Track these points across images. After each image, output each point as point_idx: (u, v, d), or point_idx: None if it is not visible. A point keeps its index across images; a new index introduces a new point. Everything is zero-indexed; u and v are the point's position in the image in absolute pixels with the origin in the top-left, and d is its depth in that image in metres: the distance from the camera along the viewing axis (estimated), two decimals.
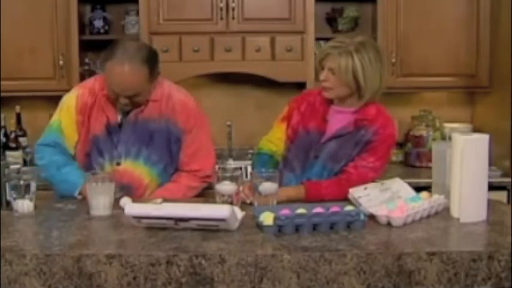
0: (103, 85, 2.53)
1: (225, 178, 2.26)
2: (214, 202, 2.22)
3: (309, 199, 2.36)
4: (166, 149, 2.57)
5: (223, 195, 2.24)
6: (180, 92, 2.61)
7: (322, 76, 2.45)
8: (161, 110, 2.55)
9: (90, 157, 2.57)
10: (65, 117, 2.58)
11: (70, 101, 2.59)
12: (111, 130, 2.55)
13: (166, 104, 2.55)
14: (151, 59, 2.47)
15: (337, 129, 2.48)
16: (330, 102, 2.52)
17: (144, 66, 2.43)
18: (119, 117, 2.55)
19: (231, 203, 2.14)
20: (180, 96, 2.59)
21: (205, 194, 2.60)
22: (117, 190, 2.39)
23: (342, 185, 2.35)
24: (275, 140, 2.63)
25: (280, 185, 2.34)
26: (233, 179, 2.26)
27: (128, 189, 2.51)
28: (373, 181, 2.39)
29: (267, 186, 2.24)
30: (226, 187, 2.25)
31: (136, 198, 2.46)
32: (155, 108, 2.55)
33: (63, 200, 2.47)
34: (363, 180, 2.35)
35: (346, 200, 2.25)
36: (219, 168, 2.57)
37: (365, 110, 2.46)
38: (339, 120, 2.49)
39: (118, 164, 2.55)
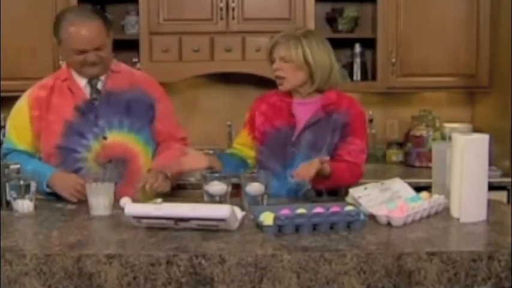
0: (58, 75, 2.63)
1: (213, 179, 2.26)
2: (203, 203, 2.21)
3: (333, 179, 2.37)
4: (145, 117, 2.61)
5: (212, 196, 2.24)
6: (139, 71, 2.75)
7: (274, 66, 2.52)
8: (130, 82, 2.61)
9: (67, 146, 2.53)
10: (17, 120, 2.60)
11: (21, 102, 2.62)
12: (84, 110, 2.55)
13: (132, 77, 2.65)
14: (99, 12, 2.58)
15: (307, 119, 2.51)
16: (290, 97, 2.56)
17: (96, 17, 2.50)
18: (87, 95, 2.57)
19: (220, 203, 2.14)
20: (141, 72, 2.74)
21: (193, 194, 2.61)
22: (113, 166, 2.50)
23: (353, 172, 2.44)
24: (237, 146, 2.65)
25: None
26: (221, 179, 2.26)
27: (123, 162, 2.55)
28: (365, 161, 2.53)
29: (254, 187, 2.24)
30: (215, 188, 2.25)
31: (134, 172, 2.54)
32: (120, 80, 2.61)
33: (63, 200, 2.47)
34: (360, 164, 2.48)
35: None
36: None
37: (327, 97, 2.53)
38: (305, 111, 2.53)
39: (104, 138, 2.54)
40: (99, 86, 2.57)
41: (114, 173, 2.49)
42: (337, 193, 2.48)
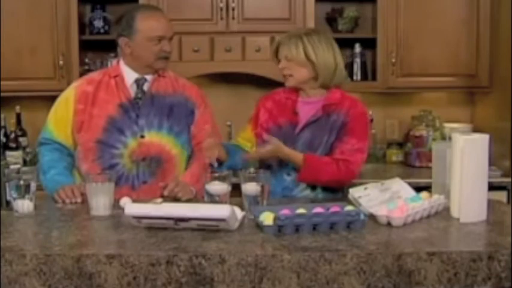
0: (108, 71, 2.66)
1: (214, 178, 2.26)
2: (203, 202, 2.22)
3: (307, 170, 2.43)
4: (185, 121, 2.64)
5: (212, 196, 2.24)
6: (183, 78, 2.78)
7: (280, 65, 2.55)
8: (174, 87, 2.66)
9: (106, 141, 2.55)
10: (61, 110, 2.62)
11: (68, 93, 2.65)
12: (127, 107, 2.58)
13: (176, 83, 2.68)
14: None
15: (307, 118, 2.53)
16: (295, 95, 2.58)
17: None
18: (133, 94, 2.60)
19: (220, 203, 2.14)
20: (185, 79, 2.76)
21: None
22: (146, 164, 2.54)
23: (340, 168, 2.44)
24: (240, 140, 2.68)
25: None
26: (222, 178, 2.26)
27: (157, 161, 2.57)
28: (362, 162, 2.50)
29: (251, 187, 2.23)
30: (216, 187, 2.25)
31: (166, 173, 2.56)
32: (165, 84, 2.65)
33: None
34: (354, 164, 2.46)
35: (340, 185, 2.46)
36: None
37: (330, 96, 2.54)
38: (308, 110, 2.55)
39: (142, 136, 2.57)
40: (145, 87, 2.61)
41: (147, 171, 2.55)
42: (334, 191, 2.50)
